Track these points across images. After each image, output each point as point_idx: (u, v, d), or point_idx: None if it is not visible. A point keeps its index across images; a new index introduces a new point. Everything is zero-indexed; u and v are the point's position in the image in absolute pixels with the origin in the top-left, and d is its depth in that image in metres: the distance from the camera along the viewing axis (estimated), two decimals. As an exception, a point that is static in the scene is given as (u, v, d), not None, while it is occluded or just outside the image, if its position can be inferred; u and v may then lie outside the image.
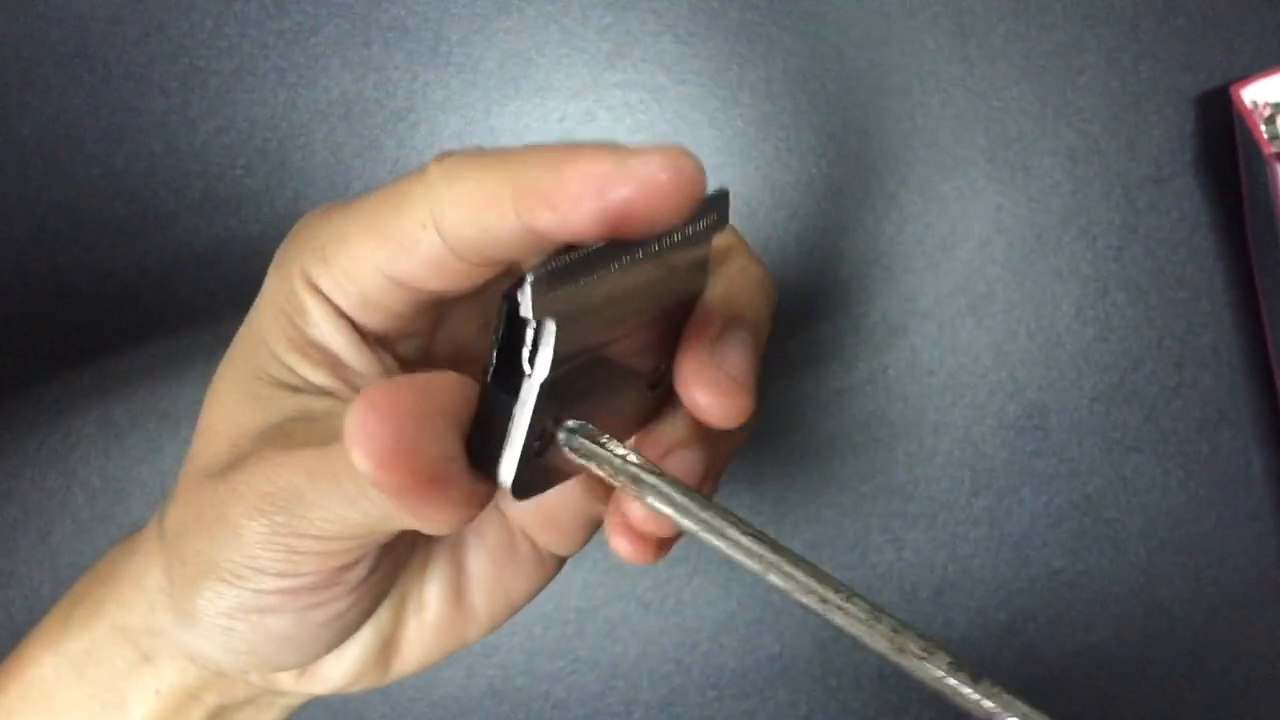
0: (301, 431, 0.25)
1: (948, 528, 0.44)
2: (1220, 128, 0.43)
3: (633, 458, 0.22)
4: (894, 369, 0.44)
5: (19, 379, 0.44)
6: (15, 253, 0.44)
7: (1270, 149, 0.40)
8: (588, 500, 0.27)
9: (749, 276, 0.26)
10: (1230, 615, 0.45)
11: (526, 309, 0.20)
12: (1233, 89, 0.41)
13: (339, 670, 0.28)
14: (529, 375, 0.21)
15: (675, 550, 0.44)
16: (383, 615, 0.28)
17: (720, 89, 0.44)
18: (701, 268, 0.24)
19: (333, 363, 0.25)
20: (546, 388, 0.21)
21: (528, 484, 0.22)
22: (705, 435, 0.25)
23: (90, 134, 0.44)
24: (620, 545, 0.24)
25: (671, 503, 0.22)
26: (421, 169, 0.23)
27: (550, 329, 0.21)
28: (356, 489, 0.23)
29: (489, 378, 0.22)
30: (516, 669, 0.45)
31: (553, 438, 0.22)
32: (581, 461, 0.23)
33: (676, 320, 0.24)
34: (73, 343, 0.44)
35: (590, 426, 0.23)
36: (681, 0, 0.44)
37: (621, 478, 0.22)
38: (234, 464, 0.24)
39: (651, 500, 0.22)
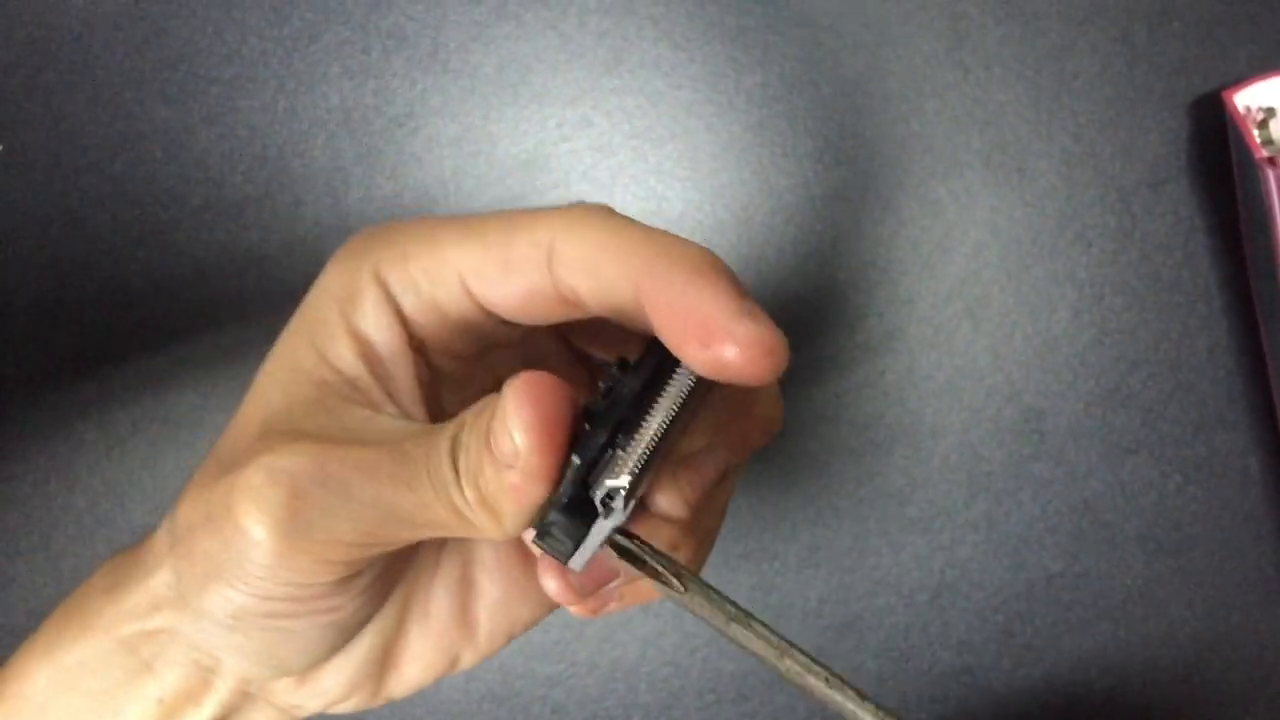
0: (328, 428, 0.25)
1: (946, 531, 0.45)
2: (1215, 132, 0.43)
3: (669, 567, 0.25)
4: (891, 373, 0.44)
5: (21, 384, 0.44)
6: (16, 259, 0.44)
7: (1262, 154, 0.40)
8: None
9: (761, 417, 0.28)
10: (1228, 618, 0.45)
11: (619, 517, 0.23)
12: (1224, 94, 0.41)
13: (338, 678, 0.27)
14: (605, 518, 0.23)
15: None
16: (387, 619, 0.28)
17: (717, 94, 0.44)
18: None
19: (370, 355, 0.25)
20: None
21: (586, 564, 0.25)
22: (725, 441, 0.27)
23: (91, 141, 0.44)
24: (548, 584, 0.26)
25: (702, 609, 0.24)
26: (556, 206, 0.24)
27: (629, 508, 0.23)
28: (434, 480, 0.24)
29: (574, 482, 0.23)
30: (515, 672, 0.45)
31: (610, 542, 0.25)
32: (625, 565, 0.25)
33: None
34: (74, 348, 0.44)
35: (634, 542, 0.25)
36: (678, 6, 0.44)
37: (660, 581, 0.25)
38: (247, 456, 0.24)
39: (684, 603, 0.24)
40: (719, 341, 0.22)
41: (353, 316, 0.25)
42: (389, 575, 0.27)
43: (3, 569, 0.44)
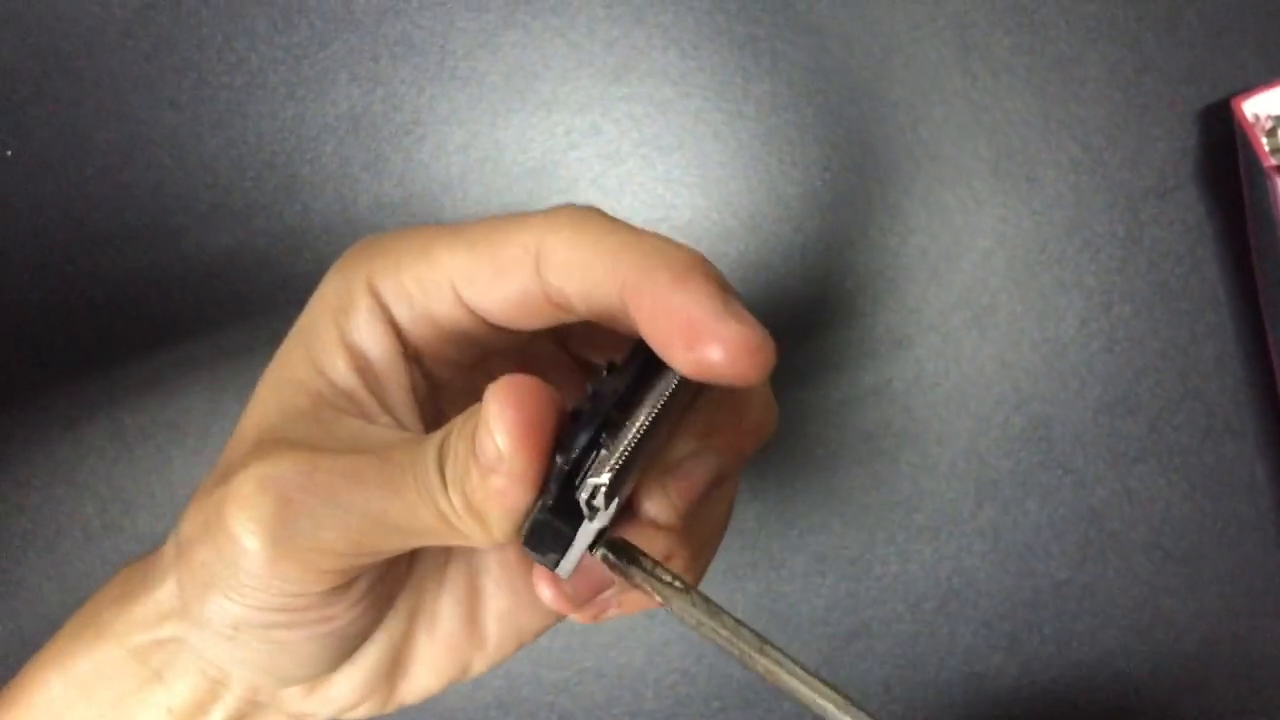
0: (320, 438, 0.25)
1: (952, 539, 0.44)
2: (1223, 140, 0.43)
3: (662, 574, 0.24)
4: (898, 380, 0.44)
5: (28, 389, 0.44)
6: (26, 263, 0.44)
7: (1271, 162, 0.40)
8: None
9: (751, 422, 0.27)
10: (1235, 626, 0.45)
11: (603, 517, 0.23)
12: (1234, 101, 0.41)
13: (347, 686, 0.28)
14: (589, 520, 0.23)
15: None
16: (395, 627, 0.28)
17: (725, 102, 0.44)
18: None
19: (363, 367, 0.26)
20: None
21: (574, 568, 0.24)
22: (714, 446, 0.26)
23: (100, 146, 0.44)
24: (541, 591, 0.26)
25: (693, 618, 0.24)
26: (544, 209, 0.24)
27: (612, 508, 0.23)
28: (420, 486, 0.23)
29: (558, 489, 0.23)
30: (522, 679, 0.45)
31: (598, 543, 0.24)
32: (617, 572, 0.25)
33: None
34: (82, 354, 0.44)
35: (626, 547, 0.25)
36: (687, 15, 0.44)
37: (651, 587, 0.24)
38: (239, 466, 0.24)
39: (676, 610, 0.24)
40: (704, 342, 0.22)
41: (346, 328, 0.25)
42: (385, 586, 0.27)
43: (10, 575, 0.44)
